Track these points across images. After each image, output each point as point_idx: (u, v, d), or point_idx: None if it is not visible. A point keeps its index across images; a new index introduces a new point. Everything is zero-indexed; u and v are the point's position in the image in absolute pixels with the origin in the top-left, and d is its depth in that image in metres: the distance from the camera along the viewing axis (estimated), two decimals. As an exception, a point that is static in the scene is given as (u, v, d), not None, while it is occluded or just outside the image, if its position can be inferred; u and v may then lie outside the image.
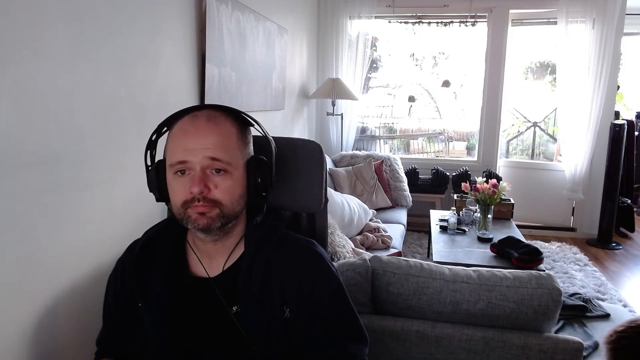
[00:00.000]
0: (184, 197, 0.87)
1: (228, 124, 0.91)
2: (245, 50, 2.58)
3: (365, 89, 5.42)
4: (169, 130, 0.93)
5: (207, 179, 0.87)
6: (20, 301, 1.15)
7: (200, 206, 0.86)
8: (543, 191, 4.52)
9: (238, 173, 0.90)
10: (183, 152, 0.87)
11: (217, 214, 0.88)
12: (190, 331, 0.95)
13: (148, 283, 0.96)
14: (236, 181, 0.90)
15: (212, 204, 0.87)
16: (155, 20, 1.69)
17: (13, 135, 1.10)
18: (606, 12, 3.90)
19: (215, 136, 0.88)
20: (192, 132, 0.88)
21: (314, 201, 1.10)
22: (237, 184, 0.90)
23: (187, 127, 0.89)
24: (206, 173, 0.87)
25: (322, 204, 1.11)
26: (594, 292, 3.14)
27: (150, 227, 1.03)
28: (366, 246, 2.93)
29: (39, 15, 1.16)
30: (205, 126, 0.88)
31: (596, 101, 4.05)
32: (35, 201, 1.17)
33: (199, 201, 0.86)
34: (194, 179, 0.86)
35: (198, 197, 0.86)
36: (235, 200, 0.90)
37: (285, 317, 0.91)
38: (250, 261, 0.93)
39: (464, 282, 1.40)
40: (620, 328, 0.94)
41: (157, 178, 0.93)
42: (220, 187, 0.88)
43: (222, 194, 0.88)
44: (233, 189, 0.89)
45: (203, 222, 0.87)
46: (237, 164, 0.90)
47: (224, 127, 0.90)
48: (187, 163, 0.87)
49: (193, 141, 0.87)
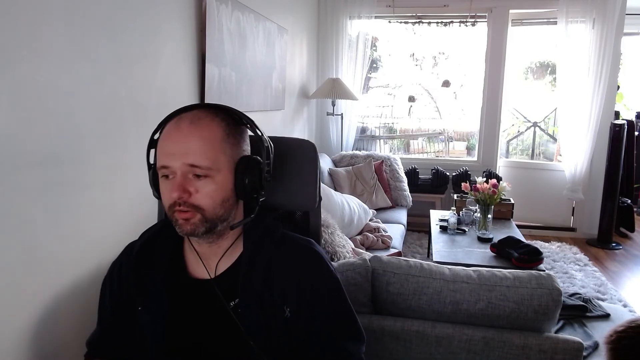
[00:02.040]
0: (169, 200, 0.87)
1: (213, 125, 0.88)
2: (245, 50, 2.58)
3: (365, 89, 5.42)
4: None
5: (188, 184, 0.86)
6: (20, 301, 1.15)
7: (182, 211, 0.86)
8: (543, 191, 4.52)
9: (221, 176, 0.88)
10: (165, 156, 0.86)
11: (200, 220, 0.87)
12: (191, 332, 0.95)
13: (147, 285, 0.96)
14: (219, 185, 0.88)
15: (193, 209, 0.86)
16: (155, 20, 1.69)
17: (13, 135, 1.10)
18: (606, 12, 3.90)
19: (195, 140, 0.86)
20: (174, 135, 0.87)
21: (309, 199, 1.10)
22: (220, 188, 0.88)
23: (170, 130, 0.88)
24: (187, 177, 0.86)
25: (317, 202, 1.11)
26: (594, 292, 3.14)
27: (146, 229, 1.02)
28: (366, 246, 2.93)
29: (39, 15, 1.16)
30: (187, 130, 0.86)
31: (596, 101, 4.05)
32: (35, 201, 1.17)
33: (179, 205, 0.86)
34: (174, 183, 0.86)
35: (179, 201, 0.85)
36: (218, 204, 0.88)
37: (285, 316, 0.91)
38: (251, 261, 0.92)
39: (464, 282, 1.40)
40: (620, 328, 0.94)
41: (154, 178, 0.93)
42: (201, 192, 0.86)
43: (203, 199, 0.87)
44: (215, 193, 0.88)
45: (187, 228, 0.87)
46: (220, 167, 0.88)
47: (207, 129, 0.87)
48: (169, 168, 0.86)
49: (174, 145, 0.86)
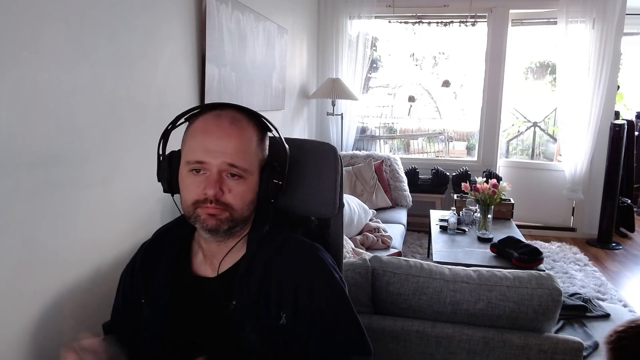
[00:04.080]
0: (196, 196, 0.87)
1: (250, 128, 0.90)
2: (245, 50, 2.57)
3: (365, 89, 5.42)
4: (190, 124, 0.92)
5: (222, 183, 0.87)
6: (20, 301, 1.15)
7: (211, 208, 0.86)
8: (543, 191, 4.52)
9: (252, 179, 0.90)
10: (203, 152, 0.86)
11: (227, 217, 0.88)
12: (189, 328, 0.95)
13: (153, 279, 0.97)
14: (249, 187, 0.90)
15: (223, 207, 0.87)
16: (155, 20, 1.68)
17: (13, 135, 1.10)
18: (606, 12, 3.90)
19: (236, 140, 0.87)
20: (215, 132, 0.87)
21: (328, 206, 1.06)
22: (250, 190, 0.90)
23: (209, 127, 0.88)
24: (222, 176, 0.87)
25: (336, 209, 1.08)
26: (594, 292, 3.14)
27: (160, 227, 1.04)
28: (366, 246, 2.93)
29: (39, 15, 1.16)
30: (229, 128, 0.87)
31: (596, 101, 4.05)
32: (35, 201, 1.17)
33: (210, 202, 0.86)
34: (209, 180, 0.86)
35: (211, 198, 0.86)
36: (246, 205, 0.90)
37: (281, 323, 0.89)
38: (249, 263, 0.92)
39: (464, 282, 1.40)
40: (620, 328, 0.94)
41: (169, 169, 0.93)
42: (234, 192, 0.88)
43: (234, 199, 0.88)
44: (245, 194, 0.89)
45: (212, 223, 0.87)
46: (252, 170, 0.90)
47: (247, 131, 0.89)
48: (205, 164, 0.86)
49: (214, 142, 0.86)
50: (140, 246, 1.05)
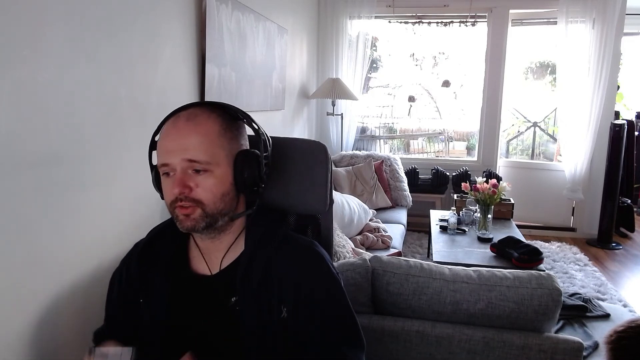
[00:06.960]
0: (171, 197, 0.89)
1: (209, 121, 0.90)
2: (245, 50, 2.57)
3: (365, 89, 5.42)
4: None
5: (188, 179, 0.88)
6: (20, 301, 1.15)
7: (183, 207, 0.88)
8: (543, 191, 4.52)
9: (221, 170, 0.90)
10: (165, 154, 0.89)
11: (200, 215, 0.89)
12: (189, 327, 0.95)
13: (150, 279, 0.97)
14: (218, 179, 0.90)
15: (194, 204, 0.88)
16: (155, 20, 1.69)
17: (13, 135, 1.10)
18: (606, 12, 3.90)
19: (193, 136, 0.88)
20: (171, 133, 0.89)
21: (319, 203, 1.09)
22: (220, 182, 0.90)
23: (167, 129, 0.91)
24: (187, 173, 0.88)
25: (327, 206, 1.10)
26: (594, 292, 3.14)
27: (154, 227, 1.04)
28: (366, 246, 2.93)
29: (39, 15, 1.16)
30: (184, 126, 0.89)
31: (596, 101, 4.05)
32: (36, 201, 1.17)
33: (181, 200, 0.88)
34: (174, 180, 0.88)
35: (180, 197, 0.87)
36: (218, 198, 0.90)
37: (282, 316, 0.91)
38: (250, 259, 0.93)
39: (464, 282, 1.40)
40: (620, 328, 0.94)
41: (157, 179, 0.95)
42: (202, 186, 0.89)
43: (203, 193, 0.89)
44: (214, 187, 0.90)
45: (187, 224, 0.89)
46: (218, 161, 0.90)
47: (204, 125, 0.90)
48: (169, 165, 0.88)
49: (172, 143, 0.88)
50: (134, 246, 1.05)
